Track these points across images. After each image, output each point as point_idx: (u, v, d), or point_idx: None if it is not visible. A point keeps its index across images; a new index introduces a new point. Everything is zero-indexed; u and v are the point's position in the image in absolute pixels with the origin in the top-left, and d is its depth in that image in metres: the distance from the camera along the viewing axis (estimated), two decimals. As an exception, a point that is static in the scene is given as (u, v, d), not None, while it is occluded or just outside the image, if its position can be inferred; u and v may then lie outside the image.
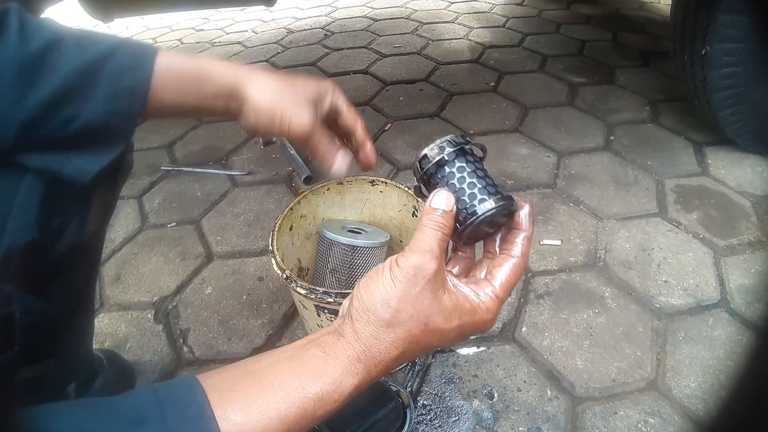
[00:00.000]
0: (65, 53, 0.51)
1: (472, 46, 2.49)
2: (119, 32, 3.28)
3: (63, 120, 0.51)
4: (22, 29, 0.50)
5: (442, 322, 0.46)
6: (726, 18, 1.31)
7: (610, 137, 1.70)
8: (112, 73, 0.53)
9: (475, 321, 0.47)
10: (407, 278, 0.44)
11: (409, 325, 0.44)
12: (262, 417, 0.40)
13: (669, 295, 1.13)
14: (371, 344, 0.44)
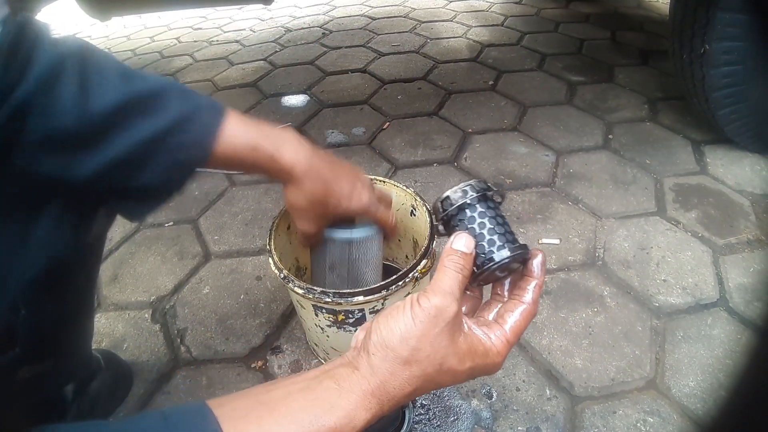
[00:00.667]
0: (131, 121, 0.52)
1: (470, 44, 2.48)
2: (116, 31, 3.27)
3: (120, 181, 0.55)
4: (84, 83, 0.50)
5: (457, 363, 0.46)
6: (725, 16, 1.30)
7: (609, 136, 1.70)
8: (175, 147, 0.55)
9: (486, 364, 0.48)
10: (428, 319, 0.45)
11: (425, 364, 0.45)
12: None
13: (668, 294, 1.13)
14: (387, 380, 0.44)
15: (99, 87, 0.51)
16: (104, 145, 0.51)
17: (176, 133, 0.55)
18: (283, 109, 2.02)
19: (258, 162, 0.62)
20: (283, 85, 2.21)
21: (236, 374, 1.02)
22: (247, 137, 0.60)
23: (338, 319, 0.83)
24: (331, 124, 1.87)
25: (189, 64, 2.57)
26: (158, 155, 0.55)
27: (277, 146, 0.63)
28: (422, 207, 0.95)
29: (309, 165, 0.65)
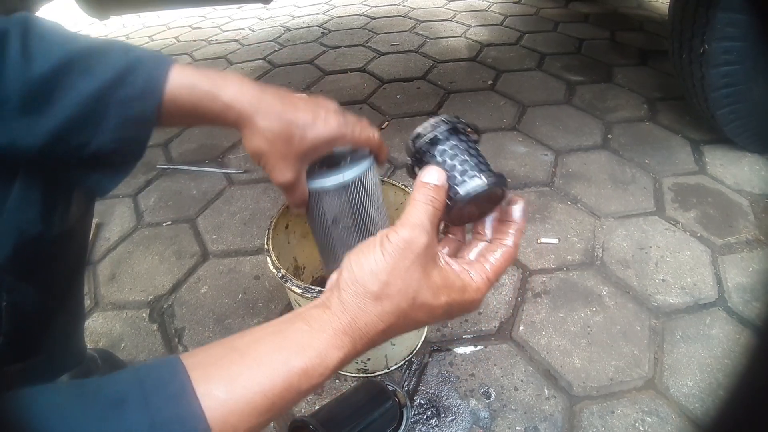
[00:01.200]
0: (73, 79, 0.51)
1: (469, 44, 2.48)
2: (115, 30, 3.27)
3: (74, 147, 0.52)
4: (26, 50, 0.49)
5: (431, 297, 0.45)
6: (724, 16, 1.30)
7: (608, 135, 1.70)
8: (121, 101, 0.53)
9: (464, 300, 0.47)
10: (397, 251, 0.44)
11: (397, 299, 0.44)
12: (246, 392, 0.39)
13: (666, 293, 1.13)
14: (358, 316, 0.44)
15: (41, 51, 0.50)
16: (50, 108, 0.50)
17: (121, 86, 0.53)
18: (281, 108, 2.01)
19: (203, 106, 0.58)
20: (282, 84, 2.21)
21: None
22: (191, 81, 0.57)
23: None
24: (329, 124, 1.86)
25: (188, 63, 2.57)
26: (106, 112, 0.53)
27: (220, 86, 0.59)
28: None
29: (257, 99, 0.61)
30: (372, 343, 0.45)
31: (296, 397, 0.42)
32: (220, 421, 0.38)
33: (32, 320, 0.63)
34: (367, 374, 0.98)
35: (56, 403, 0.37)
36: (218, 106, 0.59)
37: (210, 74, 0.59)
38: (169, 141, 1.83)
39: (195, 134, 1.87)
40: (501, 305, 1.11)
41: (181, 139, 1.85)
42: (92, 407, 0.37)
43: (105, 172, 0.58)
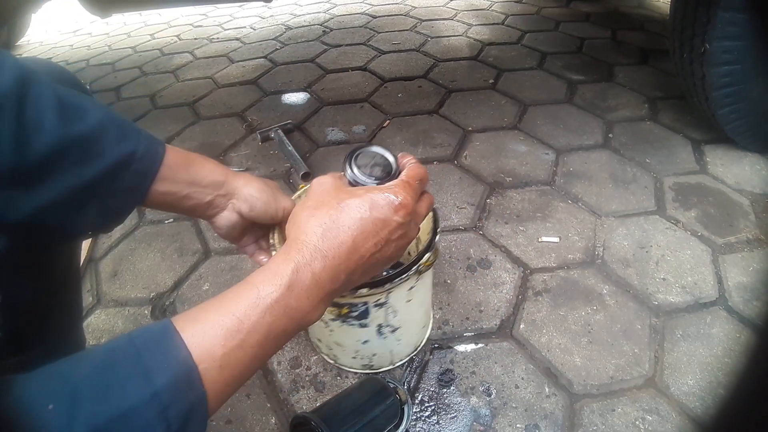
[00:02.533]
0: (65, 167, 0.52)
1: (470, 43, 2.48)
2: (116, 29, 3.27)
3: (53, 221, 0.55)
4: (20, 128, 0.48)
5: (349, 195, 0.53)
6: (725, 15, 1.30)
7: (609, 135, 1.70)
8: (110, 193, 0.56)
9: (385, 190, 0.54)
10: (312, 189, 0.56)
11: (322, 207, 0.52)
12: (215, 315, 0.44)
13: (667, 292, 1.13)
14: (297, 234, 0.51)
15: (36, 128, 0.49)
16: (39, 190, 0.51)
17: (112, 180, 0.55)
18: (283, 106, 2.02)
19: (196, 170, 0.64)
20: (283, 82, 2.21)
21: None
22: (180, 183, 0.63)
23: (342, 313, 0.83)
24: (331, 122, 1.87)
25: (189, 61, 2.57)
26: (93, 200, 0.55)
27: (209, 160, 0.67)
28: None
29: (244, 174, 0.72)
30: (320, 250, 0.49)
31: (265, 316, 0.45)
32: (198, 347, 0.41)
33: (28, 314, 0.64)
34: (372, 370, 0.99)
35: (48, 374, 0.38)
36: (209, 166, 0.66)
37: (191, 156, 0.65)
38: (171, 139, 1.84)
39: (196, 132, 1.88)
40: (502, 303, 1.12)
41: (183, 137, 1.85)
42: (85, 368, 0.38)
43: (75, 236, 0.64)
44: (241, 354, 0.43)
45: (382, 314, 0.85)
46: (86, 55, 2.88)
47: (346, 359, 0.97)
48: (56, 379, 0.37)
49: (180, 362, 0.40)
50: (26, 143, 0.49)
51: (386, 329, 0.88)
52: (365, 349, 0.93)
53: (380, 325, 0.87)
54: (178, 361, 0.40)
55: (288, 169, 1.61)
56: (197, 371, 0.40)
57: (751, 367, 0.38)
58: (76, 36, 3.31)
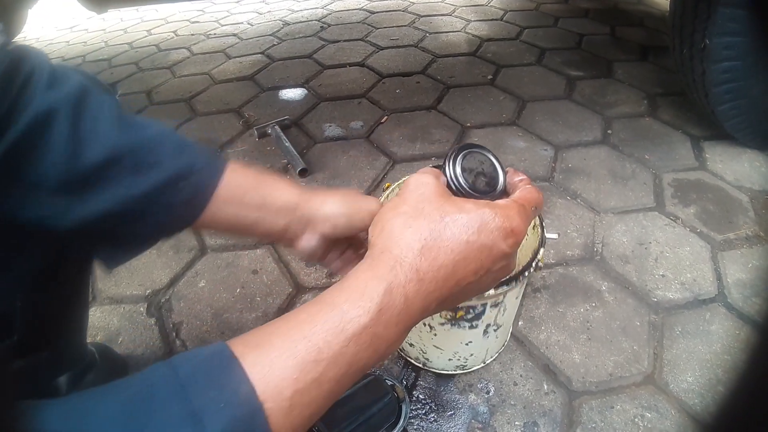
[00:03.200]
0: (121, 176, 0.49)
1: (469, 38, 2.47)
2: (113, 25, 3.25)
3: (105, 231, 0.53)
4: (75, 134, 0.47)
5: (457, 210, 0.43)
6: (726, 11, 1.29)
7: (608, 131, 1.69)
8: (165, 206, 0.53)
9: (497, 213, 0.43)
10: (410, 188, 0.46)
11: (422, 218, 0.43)
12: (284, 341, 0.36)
13: (666, 289, 1.13)
14: (389, 246, 0.42)
15: (91, 136, 0.48)
16: (92, 198, 0.49)
17: (169, 192, 0.52)
18: (280, 102, 2.01)
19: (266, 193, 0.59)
20: (280, 78, 2.20)
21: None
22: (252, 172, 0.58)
23: (457, 316, 0.80)
24: (328, 118, 1.86)
25: (186, 57, 2.55)
26: (146, 213, 0.52)
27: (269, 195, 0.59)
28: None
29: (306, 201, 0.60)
30: (418, 272, 0.40)
31: (349, 345, 0.37)
32: (262, 381, 0.33)
33: (43, 320, 0.63)
34: (464, 370, 0.96)
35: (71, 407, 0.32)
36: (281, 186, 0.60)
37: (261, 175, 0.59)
38: (167, 135, 1.82)
39: (193, 128, 1.86)
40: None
41: (180, 132, 1.84)
42: (114, 403, 0.32)
43: (125, 250, 0.58)
44: (315, 391, 0.35)
45: (494, 314, 0.83)
46: (83, 51, 2.86)
47: (440, 362, 0.94)
48: (79, 415, 0.31)
49: (240, 401, 0.32)
50: (80, 150, 0.47)
51: (491, 328, 0.87)
52: (465, 350, 0.90)
53: (488, 325, 0.85)
54: (237, 399, 0.32)
55: (285, 165, 1.60)
56: (262, 413, 0.32)
57: (751, 365, 0.37)
58: (72, 32, 3.29)
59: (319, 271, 1.21)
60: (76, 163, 0.47)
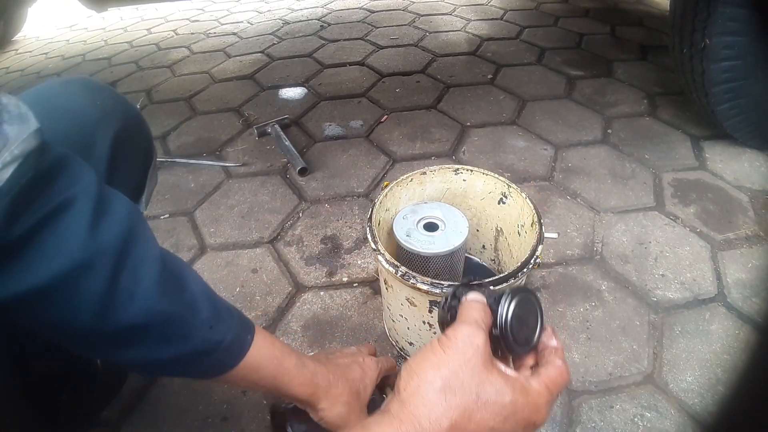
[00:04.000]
0: (148, 343, 0.49)
1: (469, 38, 2.47)
2: (112, 23, 3.25)
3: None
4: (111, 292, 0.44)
5: (494, 394, 0.42)
6: (726, 11, 1.29)
7: (608, 130, 1.69)
8: (183, 372, 0.55)
9: (528, 402, 0.44)
10: (457, 346, 0.43)
11: (460, 393, 0.41)
12: None
13: (666, 288, 1.12)
14: (420, 414, 0.41)
15: (128, 297, 0.45)
16: (115, 352, 0.49)
17: (190, 364, 0.53)
18: (280, 101, 2.00)
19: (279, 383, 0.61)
20: (280, 77, 2.20)
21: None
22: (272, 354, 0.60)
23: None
24: (328, 117, 1.85)
25: (186, 56, 2.55)
26: (166, 371, 0.54)
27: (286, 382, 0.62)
28: (517, 193, 0.94)
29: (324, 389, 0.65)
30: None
31: None
32: None
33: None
34: None
35: None
36: (295, 384, 0.62)
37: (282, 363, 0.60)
38: (167, 134, 1.82)
39: (192, 127, 1.86)
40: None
41: (179, 131, 1.84)
42: None
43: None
44: None
45: None
46: (83, 50, 2.86)
47: None
48: None
49: None
50: (113, 311, 0.44)
51: None
52: None
53: None
54: None
55: (285, 165, 1.60)
56: None
57: (752, 364, 0.37)
58: (72, 31, 3.29)
59: (318, 270, 1.21)
60: (103, 322, 0.44)
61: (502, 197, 0.99)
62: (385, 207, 0.96)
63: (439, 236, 0.91)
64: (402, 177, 0.99)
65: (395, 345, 1.01)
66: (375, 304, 1.12)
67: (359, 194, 1.45)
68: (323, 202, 1.43)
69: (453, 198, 1.04)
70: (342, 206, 1.41)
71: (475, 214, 1.06)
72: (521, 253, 0.91)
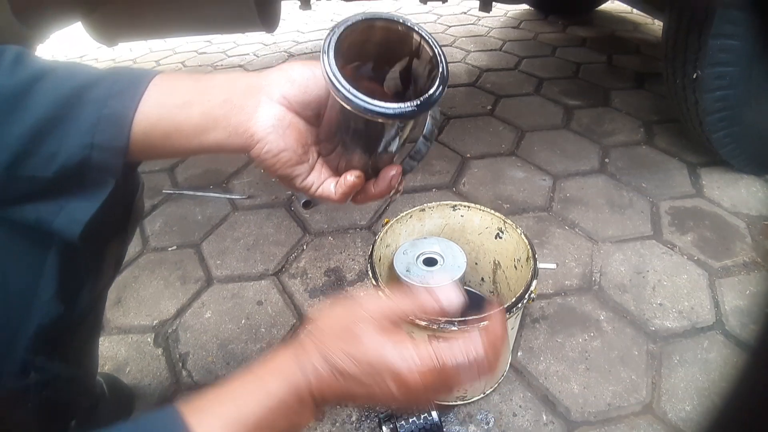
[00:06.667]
0: (51, 83, 0.46)
1: (469, 69, 2.52)
2: (122, 55, 3.33)
3: (45, 157, 0.46)
4: (15, 63, 0.46)
5: (374, 348, 0.47)
6: (716, 43, 1.33)
7: (605, 160, 1.72)
8: (97, 100, 0.47)
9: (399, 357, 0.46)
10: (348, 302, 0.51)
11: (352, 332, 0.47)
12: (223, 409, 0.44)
13: (664, 317, 1.14)
14: (317, 328, 0.49)
15: (26, 65, 0.47)
16: (21, 113, 0.45)
17: (99, 86, 0.47)
18: (285, 133, 2.05)
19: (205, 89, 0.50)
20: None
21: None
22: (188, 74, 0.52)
23: None
24: (332, 149, 1.89)
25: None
26: (80, 111, 0.46)
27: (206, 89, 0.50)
28: (513, 229, 0.97)
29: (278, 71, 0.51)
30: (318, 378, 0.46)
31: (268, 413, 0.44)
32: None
33: (55, 389, 0.65)
34: (464, 401, 0.98)
35: None
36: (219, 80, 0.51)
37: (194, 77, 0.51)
38: (175, 166, 1.87)
39: (200, 159, 1.91)
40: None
41: (187, 164, 1.88)
42: None
43: (78, 196, 0.49)
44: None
45: None
46: (93, 82, 2.93)
47: None
48: None
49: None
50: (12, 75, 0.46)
51: None
52: None
53: None
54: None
55: (289, 197, 1.63)
56: None
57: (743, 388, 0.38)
58: (82, 61, 3.37)
59: (322, 302, 1.24)
60: (11, 81, 0.46)
61: (499, 232, 1.02)
62: (386, 243, 0.99)
63: (438, 270, 0.94)
64: (402, 214, 1.02)
65: None
66: (377, 336, 1.13)
67: (362, 227, 1.48)
68: (327, 235, 1.46)
69: (451, 233, 1.07)
70: (345, 239, 1.44)
71: (473, 248, 1.09)
72: (518, 286, 0.93)
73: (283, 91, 0.48)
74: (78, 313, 0.61)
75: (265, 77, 0.49)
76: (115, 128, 0.47)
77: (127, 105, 0.47)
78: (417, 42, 0.46)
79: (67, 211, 0.49)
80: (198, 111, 0.48)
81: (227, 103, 0.48)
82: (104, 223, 0.52)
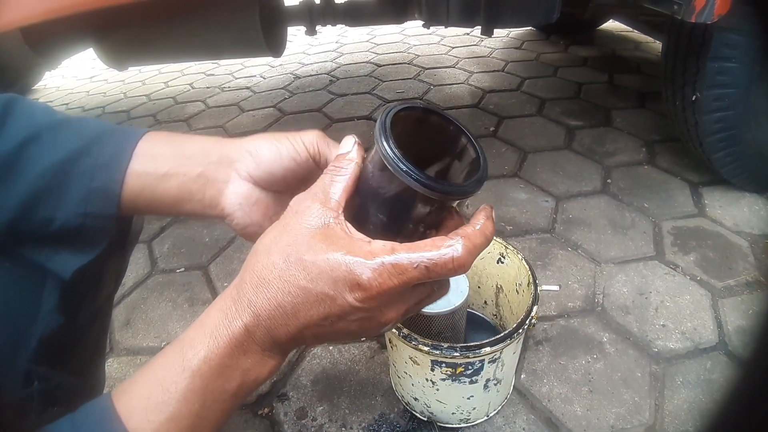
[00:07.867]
0: (38, 151, 0.49)
1: (472, 90, 2.56)
2: (132, 75, 3.40)
3: (41, 221, 0.49)
4: (2, 126, 0.48)
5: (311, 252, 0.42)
6: (714, 65, 1.35)
7: (608, 180, 1.74)
8: (84, 172, 0.50)
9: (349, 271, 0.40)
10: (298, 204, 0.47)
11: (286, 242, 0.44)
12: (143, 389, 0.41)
13: (667, 339, 1.15)
14: (248, 260, 0.45)
15: (12, 128, 0.49)
16: (14, 182, 0.48)
17: (86, 156, 0.50)
18: (291, 155, 2.08)
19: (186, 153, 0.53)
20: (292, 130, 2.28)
21: (243, 421, 1.04)
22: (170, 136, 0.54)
23: (456, 372, 0.84)
24: (337, 170, 1.92)
25: (201, 110, 2.67)
26: (69, 183, 0.50)
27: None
28: (514, 254, 0.99)
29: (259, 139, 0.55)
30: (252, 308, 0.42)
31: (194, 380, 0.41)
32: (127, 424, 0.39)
33: (59, 399, 0.66)
34: (468, 424, 0.98)
35: None
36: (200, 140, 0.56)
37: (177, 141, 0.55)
38: (183, 189, 1.90)
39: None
40: (504, 352, 1.14)
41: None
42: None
43: (72, 249, 0.53)
44: (174, 427, 0.39)
45: (493, 369, 0.87)
46: (102, 102, 2.99)
47: (444, 416, 0.96)
48: None
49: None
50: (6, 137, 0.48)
51: (491, 383, 0.90)
52: (467, 404, 0.93)
53: (488, 380, 0.88)
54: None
55: (295, 218, 1.65)
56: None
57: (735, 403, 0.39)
58: (92, 82, 3.45)
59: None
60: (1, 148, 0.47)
61: (501, 257, 1.04)
62: None
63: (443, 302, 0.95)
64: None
65: (401, 399, 1.04)
66: (382, 359, 1.15)
67: (367, 247, 1.50)
68: (332, 256, 1.48)
69: None
70: (350, 259, 1.45)
71: (476, 272, 1.11)
72: (520, 310, 0.95)
73: (249, 171, 0.53)
74: (80, 325, 0.62)
75: (237, 150, 0.54)
76: (105, 201, 0.51)
77: (113, 178, 0.51)
78: (463, 144, 0.49)
79: (62, 256, 0.52)
80: (176, 183, 0.52)
81: (201, 177, 0.53)
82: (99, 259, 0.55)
